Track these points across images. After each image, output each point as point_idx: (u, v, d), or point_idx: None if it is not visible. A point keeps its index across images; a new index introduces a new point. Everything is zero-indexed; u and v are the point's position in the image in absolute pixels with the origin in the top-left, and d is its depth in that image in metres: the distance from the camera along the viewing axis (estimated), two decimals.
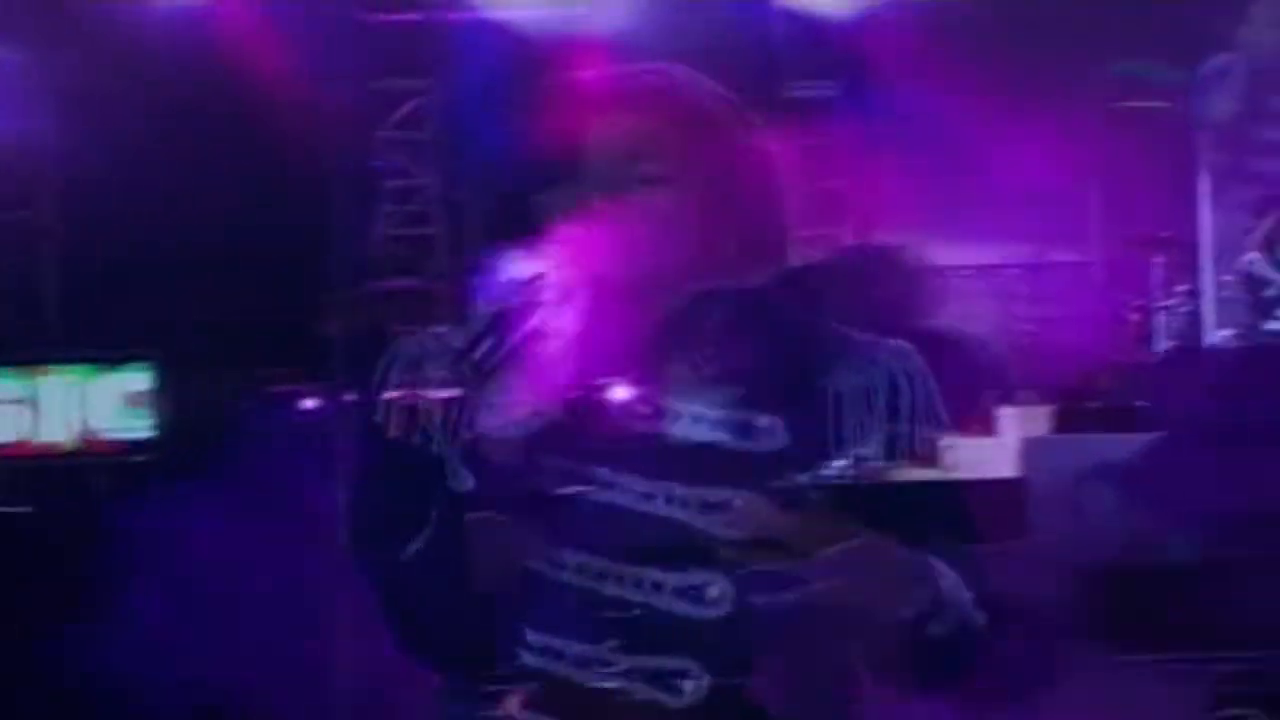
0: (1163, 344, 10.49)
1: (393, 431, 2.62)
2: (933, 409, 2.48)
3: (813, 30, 11.79)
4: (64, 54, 11.47)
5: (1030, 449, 9.08)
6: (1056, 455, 9.01)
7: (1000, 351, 10.40)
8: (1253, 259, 9.88)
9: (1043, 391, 10.59)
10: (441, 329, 2.65)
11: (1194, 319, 10.35)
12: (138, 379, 10.37)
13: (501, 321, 2.49)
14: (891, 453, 2.50)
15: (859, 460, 2.46)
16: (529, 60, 11.54)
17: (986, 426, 10.25)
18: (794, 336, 2.45)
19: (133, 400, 10.29)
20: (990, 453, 9.55)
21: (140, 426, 10.80)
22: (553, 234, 2.73)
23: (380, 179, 12.14)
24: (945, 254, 11.46)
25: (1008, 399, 10.78)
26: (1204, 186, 10.35)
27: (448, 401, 2.48)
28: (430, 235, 12.14)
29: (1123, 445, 8.85)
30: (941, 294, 8.46)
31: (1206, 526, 7.76)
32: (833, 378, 2.39)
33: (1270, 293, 9.77)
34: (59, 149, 11.70)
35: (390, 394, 2.65)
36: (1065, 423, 10.08)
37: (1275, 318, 9.79)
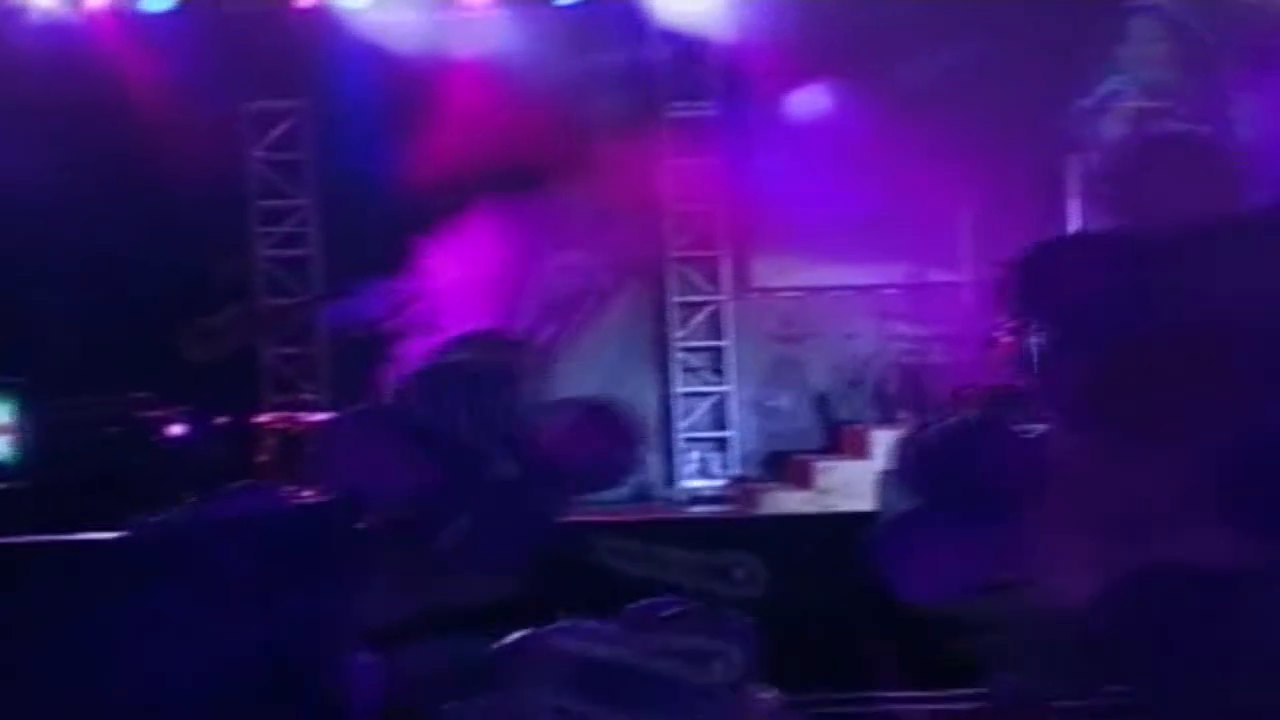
0: (1034, 368, 10.26)
1: None
2: None
3: (692, 52, 11.87)
4: None
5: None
6: None
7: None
8: None
9: (919, 411, 10.58)
10: None
11: None
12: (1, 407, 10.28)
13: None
14: None
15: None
16: (406, 80, 11.70)
17: (860, 450, 10.47)
18: None
19: None
20: (865, 475, 9.69)
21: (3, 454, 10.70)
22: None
23: (254, 200, 12.08)
24: (825, 275, 12.09)
25: (885, 420, 11.03)
26: (1077, 212, 10.40)
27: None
28: (305, 256, 12.07)
29: None
30: None
31: None
32: None
33: None
34: None
35: None
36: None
37: None
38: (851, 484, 9.73)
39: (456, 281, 10.93)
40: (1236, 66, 10.79)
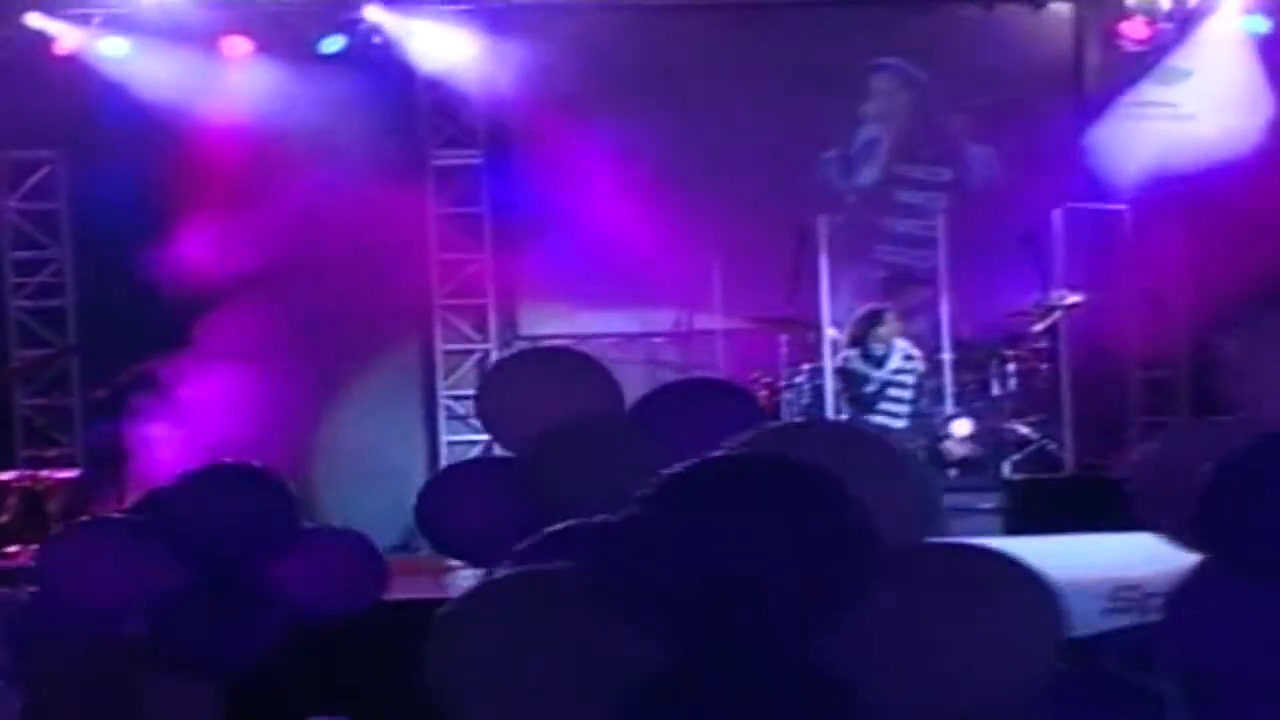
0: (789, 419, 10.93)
1: None
2: None
3: (455, 101, 12.25)
4: None
5: None
6: None
7: None
8: (846, 355, 10.43)
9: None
10: None
11: (818, 397, 10.85)
12: None
13: None
14: None
15: None
16: (164, 131, 11.79)
17: None
18: None
19: None
20: None
21: None
22: None
23: (7, 250, 12.12)
24: (592, 323, 12.35)
25: None
26: (825, 269, 11.07)
27: None
28: (62, 307, 12.12)
29: None
30: None
31: None
32: None
33: (869, 388, 10.32)
34: None
35: None
36: None
37: (876, 411, 10.32)
38: None
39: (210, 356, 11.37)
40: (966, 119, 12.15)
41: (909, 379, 10.70)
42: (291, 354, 11.69)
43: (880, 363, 10.63)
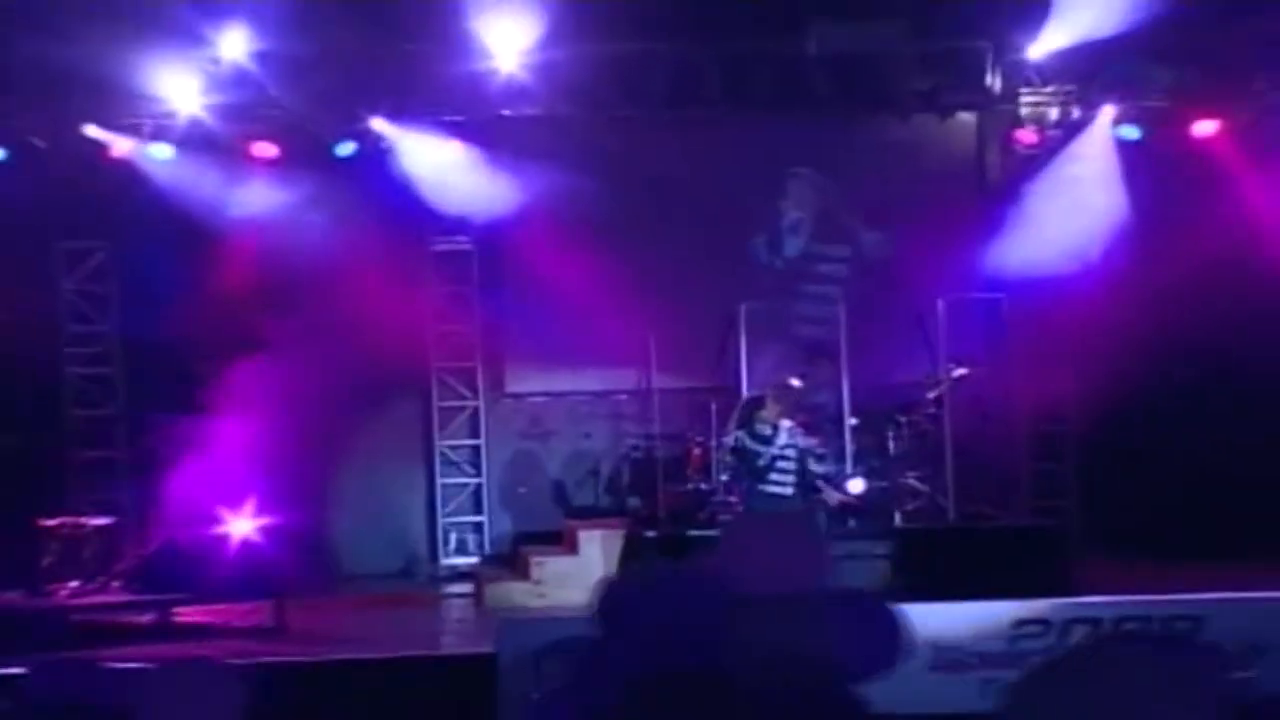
0: (720, 477, 12.14)
1: None
2: None
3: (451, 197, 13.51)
4: None
5: None
6: None
7: None
8: (737, 436, 11.28)
9: (646, 499, 12.68)
10: None
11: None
12: None
13: None
14: None
15: None
16: (199, 222, 13.10)
17: (572, 546, 12.27)
18: None
19: None
20: (575, 568, 11.76)
21: None
22: None
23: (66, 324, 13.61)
24: (566, 382, 13.92)
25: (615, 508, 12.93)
26: (745, 344, 12.56)
27: None
28: (110, 375, 13.64)
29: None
30: None
31: None
32: None
33: (761, 461, 11.06)
34: None
35: None
36: (630, 548, 11.56)
37: (768, 481, 11.05)
38: (565, 576, 11.68)
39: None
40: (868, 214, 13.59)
41: (792, 453, 11.19)
42: (308, 412, 12.72)
43: (768, 441, 11.15)
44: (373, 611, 12.20)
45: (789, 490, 11.11)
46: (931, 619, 9.17)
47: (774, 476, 11.09)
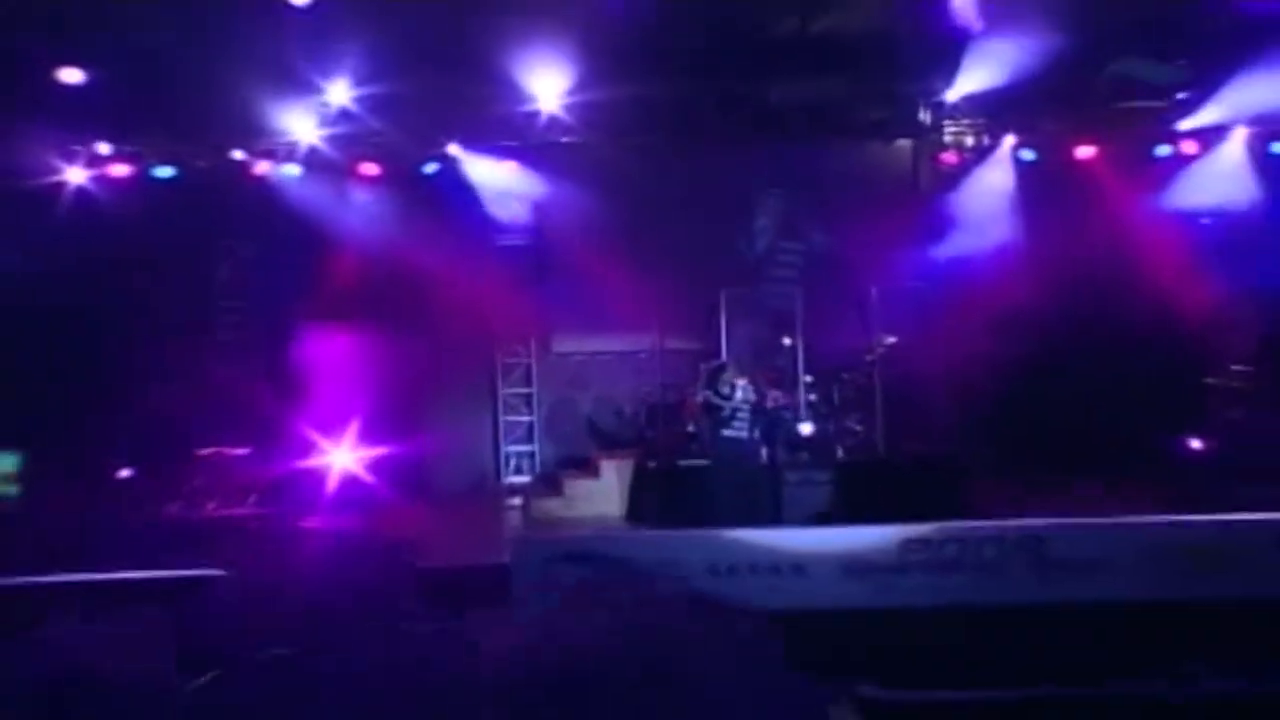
0: (688, 428, 14.86)
1: None
2: None
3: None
4: None
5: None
6: None
7: None
8: (705, 395, 13.68)
9: (663, 431, 15.37)
10: None
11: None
12: None
13: None
14: None
15: None
16: (320, 227, 15.83)
17: (595, 472, 15.43)
18: None
19: None
20: (595, 488, 15.11)
21: None
22: None
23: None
24: (598, 344, 16.99)
25: (609, 452, 15.76)
26: (725, 319, 15.50)
27: None
28: (249, 338, 16.96)
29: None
30: None
31: None
32: None
33: (724, 413, 13.37)
34: None
35: None
36: (638, 475, 14.51)
37: (732, 428, 13.41)
38: (589, 495, 14.91)
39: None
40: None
41: (746, 407, 13.30)
42: (404, 368, 15.27)
43: (728, 397, 13.22)
44: (452, 518, 14.52)
45: (744, 434, 13.43)
46: (841, 539, 11.48)
47: (735, 424, 13.39)
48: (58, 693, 4.33)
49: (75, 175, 16.20)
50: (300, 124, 15.92)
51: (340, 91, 15.49)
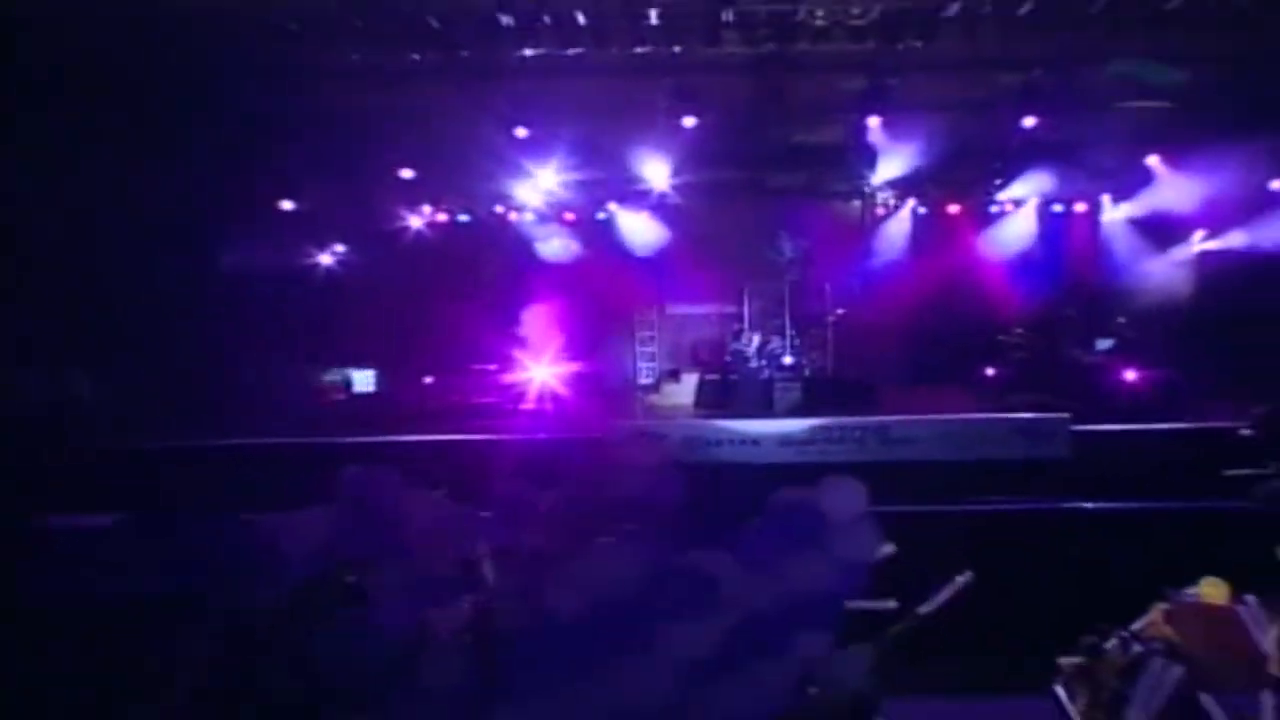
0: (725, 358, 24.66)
1: None
2: None
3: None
4: None
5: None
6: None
7: None
8: (733, 347, 22.39)
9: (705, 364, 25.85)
10: None
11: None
12: None
13: None
14: None
15: None
16: (540, 256, 26.69)
17: (679, 379, 26.58)
18: None
19: None
20: (678, 389, 26.25)
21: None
22: None
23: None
24: (690, 308, 28.34)
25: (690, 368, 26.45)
26: (747, 301, 26.13)
27: None
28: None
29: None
30: None
31: None
32: None
33: (746, 355, 22.06)
34: None
35: None
36: (701, 383, 24.39)
37: (748, 358, 21.96)
38: (674, 392, 25.17)
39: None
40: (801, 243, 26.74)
41: (756, 347, 21.70)
42: (585, 325, 23.76)
43: (746, 345, 21.57)
44: (609, 402, 23.61)
45: (755, 362, 22.28)
46: (779, 426, 16.95)
47: (749, 356, 22.48)
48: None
49: (414, 221, 26.72)
50: (530, 192, 25.42)
51: (549, 176, 24.76)
